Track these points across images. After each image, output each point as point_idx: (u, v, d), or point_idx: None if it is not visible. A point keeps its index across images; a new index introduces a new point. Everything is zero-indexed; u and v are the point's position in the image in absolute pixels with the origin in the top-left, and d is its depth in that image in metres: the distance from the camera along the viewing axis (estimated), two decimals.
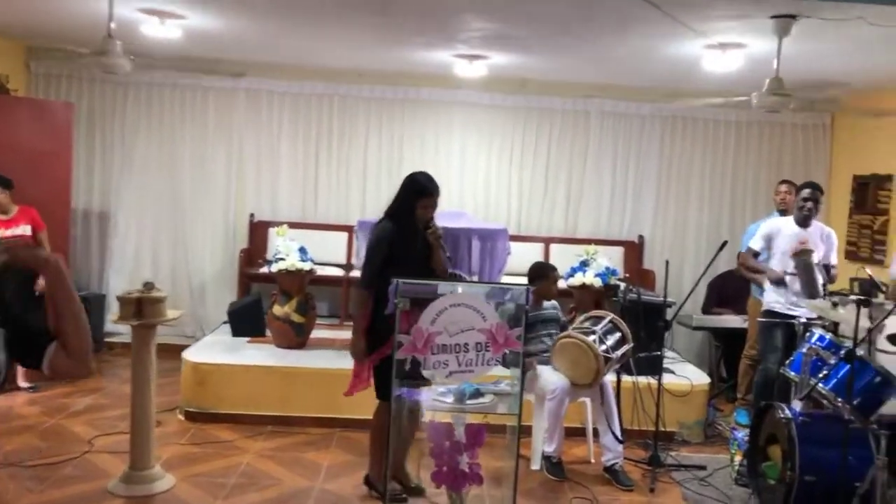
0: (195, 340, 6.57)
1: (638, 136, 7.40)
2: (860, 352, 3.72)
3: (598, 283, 5.70)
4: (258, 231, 7.16)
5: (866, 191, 6.69)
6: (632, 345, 4.64)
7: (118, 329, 6.98)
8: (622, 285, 5.58)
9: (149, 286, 4.00)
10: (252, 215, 7.24)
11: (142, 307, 3.90)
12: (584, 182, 7.41)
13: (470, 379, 3.34)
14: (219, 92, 7.18)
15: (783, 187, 5.93)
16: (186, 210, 7.22)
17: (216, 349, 5.63)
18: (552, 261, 7.13)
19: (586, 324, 4.64)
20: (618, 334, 4.63)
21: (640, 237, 7.43)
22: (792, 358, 4.28)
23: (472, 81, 6.94)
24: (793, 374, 4.20)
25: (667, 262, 4.88)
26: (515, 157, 7.39)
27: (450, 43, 5.54)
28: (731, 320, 6.38)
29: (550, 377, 4.52)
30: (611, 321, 4.63)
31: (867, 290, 5.93)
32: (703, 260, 7.30)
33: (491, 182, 7.40)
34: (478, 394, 3.51)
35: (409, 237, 3.97)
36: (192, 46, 6.29)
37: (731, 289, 6.75)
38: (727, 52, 5.15)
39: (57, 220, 5.96)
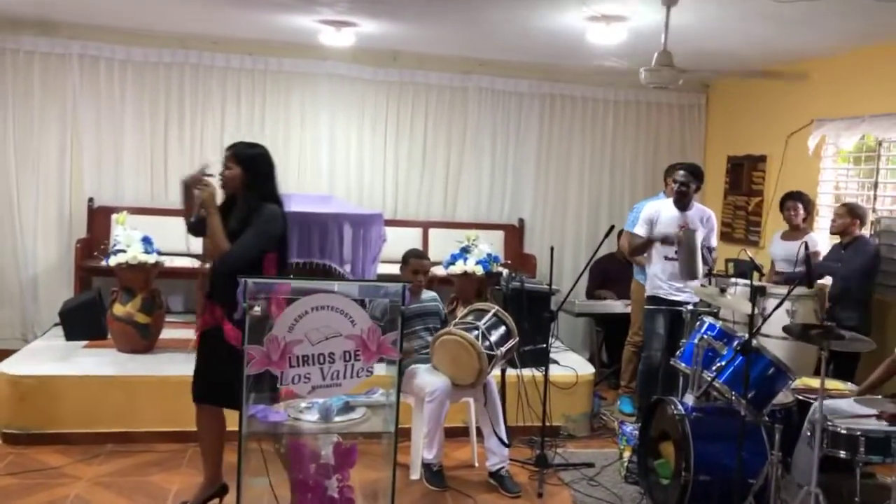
0: (25, 344, 5.71)
1: (517, 114, 7.10)
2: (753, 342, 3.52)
3: (479, 270, 5.33)
4: (98, 218, 6.30)
5: (741, 172, 6.69)
6: (517, 339, 4.29)
7: None
8: (505, 273, 5.24)
9: None
10: (91, 200, 6.37)
11: None
12: (462, 163, 7.04)
13: (338, 394, 2.85)
14: (46, 57, 6.23)
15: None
16: (12, 193, 6.24)
17: (43, 357, 4.83)
18: (430, 247, 6.77)
19: (469, 318, 4.25)
20: (503, 328, 4.26)
21: (521, 220, 7.15)
22: (682, 348, 4.07)
23: (339, 52, 6.38)
24: (683, 365, 3.98)
25: (551, 249, 4.56)
26: (390, 135, 6.90)
27: (311, 6, 4.94)
28: (614, 305, 6.21)
29: (429, 377, 4.10)
30: (495, 314, 4.26)
31: (743, 273, 5.93)
32: (585, 243, 7.17)
33: (364, 163, 6.88)
34: (347, 408, 3.03)
35: None
36: (7, 3, 5.37)
37: (613, 272, 6.59)
38: (611, 25, 4.86)
39: None
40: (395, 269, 6.14)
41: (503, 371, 4.43)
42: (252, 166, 3.35)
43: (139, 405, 4.53)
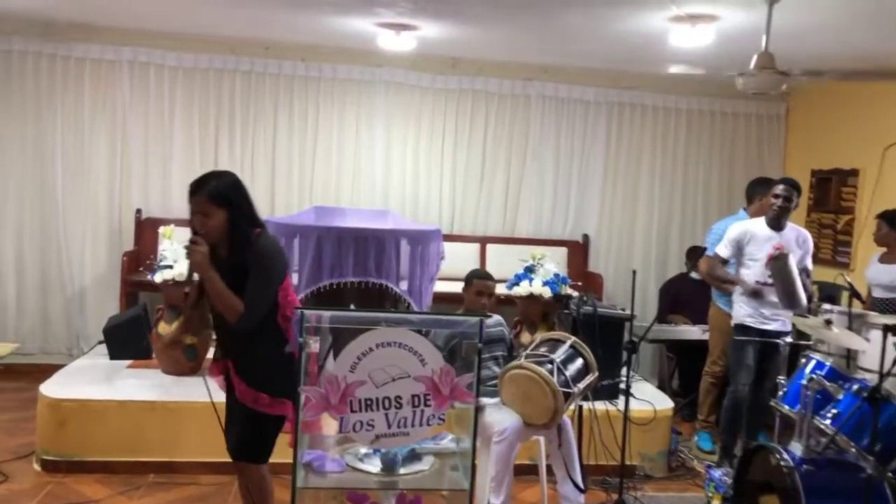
0: (70, 360, 5.50)
1: (582, 123, 6.68)
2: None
3: (547, 293, 4.92)
4: (146, 230, 6.07)
5: (828, 187, 6.16)
6: (596, 374, 3.86)
7: None
8: (575, 296, 4.82)
9: None
10: (139, 211, 6.14)
11: None
12: (523, 175, 6.64)
13: (405, 444, 2.48)
14: (96, 64, 6.03)
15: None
16: (59, 203, 6.04)
17: (85, 378, 4.57)
18: (488, 264, 6.40)
19: (541, 349, 3.83)
20: (580, 362, 3.83)
21: (585, 237, 6.72)
22: (783, 388, 3.60)
23: (396, 58, 6.07)
24: (787, 408, 3.51)
25: (633, 273, 4.13)
26: (447, 146, 6.54)
27: (370, 6, 4.62)
28: (690, 331, 5.73)
29: (498, 415, 3.70)
30: (572, 346, 3.83)
31: (831, 297, 5.40)
32: (654, 263, 6.72)
33: (420, 175, 6.53)
34: (413, 456, 2.66)
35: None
36: (58, 8, 5.18)
37: (686, 293, 6.12)
38: (696, 27, 4.43)
39: None
40: (452, 288, 5.82)
41: (579, 406, 4.01)
42: (234, 202, 2.80)
43: (183, 433, 4.24)
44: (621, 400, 4.55)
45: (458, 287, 5.87)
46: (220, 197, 2.76)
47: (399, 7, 4.59)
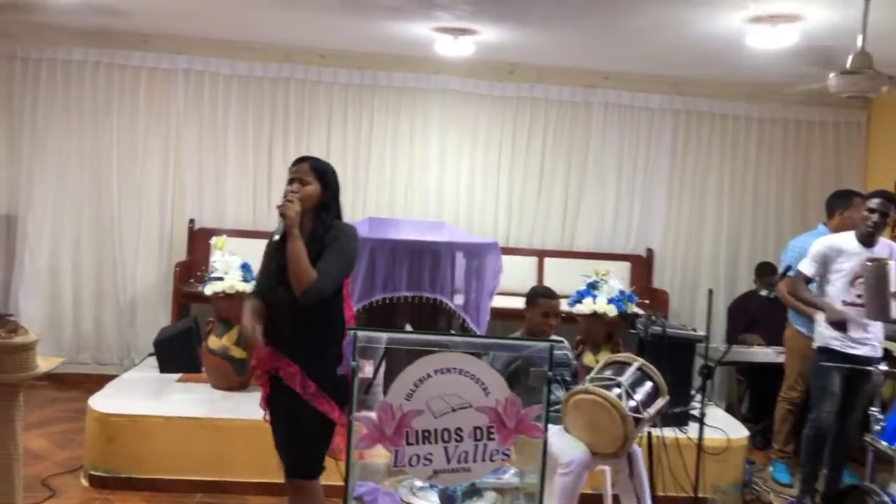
0: (122, 371, 5.45)
1: (646, 132, 6.38)
2: None
3: (612, 311, 4.64)
4: (199, 240, 5.99)
5: None
6: (667, 398, 3.58)
7: None
8: (642, 315, 4.54)
9: (10, 325, 2.84)
10: (192, 221, 6.08)
11: None
12: (583, 186, 6.36)
13: (465, 481, 2.26)
14: (152, 72, 6.01)
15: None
16: (115, 213, 6.02)
17: (134, 392, 4.48)
18: (546, 279, 6.15)
19: (607, 372, 3.58)
20: (649, 385, 3.56)
21: (649, 251, 6.41)
22: (882, 422, 3.26)
23: (452, 65, 5.89)
24: (885, 444, 3.18)
25: (710, 292, 3.83)
26: (504, 155, 6.31)
27: (429, 10, 4.44)
28: (764, 353, 5.38)
29: (563, 444, 3.44)
30: (640, 368, 3.57)
31: None
32: (723, 279, 6.37)
33: (475, 185, 6.31)
34: (473, 491, 2.44)
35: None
36: (115, 18, 5.16)
37: (756, 312, 5.76)
38: (777, 27, 4.13)
39: None
40: (508, 304, 5.59)
41: (648, 433, 3.73)
42: (329, 182, 2.88)
43: (232, 451, 4.09)
44: (691, 427, 4.27)
45: (514, 302, 5.68)
46: (320, 171, 2.85)
47: (458, 10, 4.40)
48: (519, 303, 5.65)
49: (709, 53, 5.06)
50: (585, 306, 4.64)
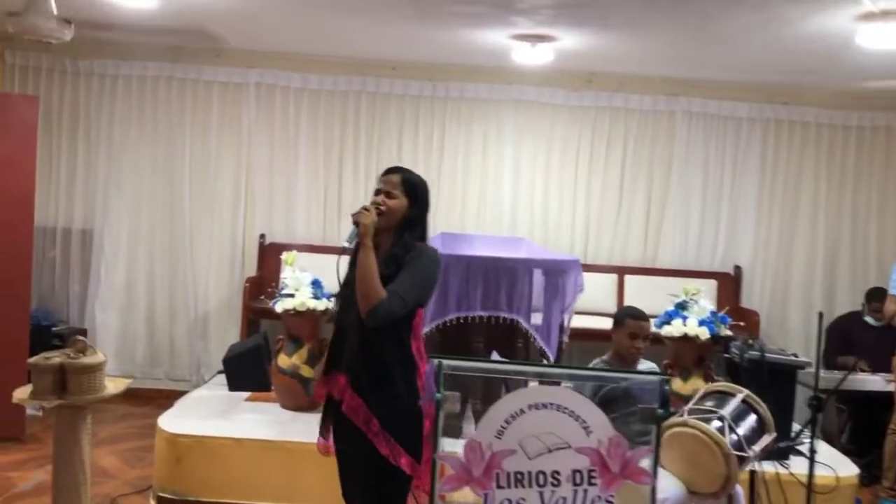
0: (192, 387, 5.40)
1: (734, 143, 6.02)
2: None
3: (704, 334, 4.31)
4: (269, 255, 5.91)
5: None
6: (774, 434, 3.25)
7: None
8: (736, 338, 4.20)
9: (79, 344, 2.74)
10: (262, 236, 6.01)
11: (66, 378, 2.64)
12: (666, 199, 6.04)
13: None
14: (224, 87, 5.98)
15: None
16: (186, 227, 6.00)
17: (203, 411, 4.37)
18: (626, 298, 5.85)
19: (707, 402, 3.26)
20: (753, 419, 3.23)
21: (737, 268, 6.02)
22: None
23: (527, 75, 5.69)
24: None
25: (820, 315, 3.47)
26: (581, 167, 6.04)
27: (508, 16, 4.23)
28: (870, 381, 4.94)
29: (658, 480, 3.15)
30: (744, 400, 3.24)
31: None
32: (819, 299, 5.94)
33: (551, 199, 6.05)
34: None
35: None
36: (186, 32, 5.14)
37: (858, 335, 5.37)
38: (889, 23, 3.77)
39: (17, 238, 4.79)
40: (586, 323, 5.31)
41: (751, 471, 3.40)
42: (419, 198, 2.63)
43: (302, 475, 3.92)
44: (793, 461, 3.91)
45: (592, 322, 5.41)
46: (411, 185, 2.61)
47: (538, 16, 4.19)
48: (597, 322, 5.42)
49: (808, 57, 4.70)
50: (675, 328, 4.32)
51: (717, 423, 3.11)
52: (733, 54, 4.93)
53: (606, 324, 5.62)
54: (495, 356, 2.36)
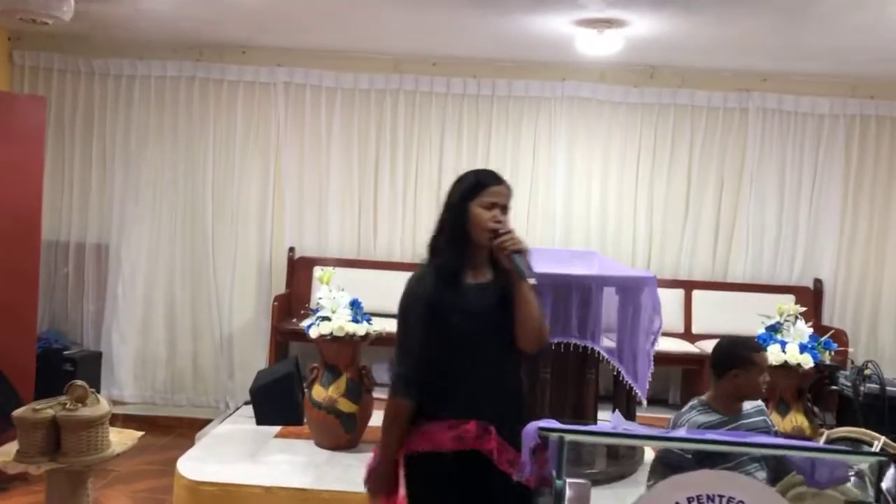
0: (218, 417, 4.89)
1: (813, 142, 5.42)
2: None
3: (808, 362, 3.70)
4: (299, 270, 5.40)
5: None
6: None
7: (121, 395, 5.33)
8: (849, 367, 3.60)
9: (77, 391, 2.21)
10: (292, 250, 5.48)
11: (60, 435, 2.10)
12: (737, 205, 5.45)
13: None
14: (250, 87, 5.48)
15: None
16: (209, 239, 5.49)
17: (227, 452, 3.84)
18: (696, 316, 5.27)
19: None
20: (893, 471, 2.65)
21: (817, 282, 5.40)
22: None
23: (583, 70, 5.18)
24: None
25: None
26: (643, 171, 5.47)
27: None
28: None
29: None
30: (882, 450, 2.65)
31: None
32: None
33: (608, 206, 5.48)
34: None
35: (462, 282, 2.11)
36: (212, 30, 4.67)
37: None
38: None
39: (22, 252, 4.32)
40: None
41: None
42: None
43: None
44: None
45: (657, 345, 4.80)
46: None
47: None
48: (662, 344, 4.82)
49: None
50: (773, 355, 3.71)
51: (854, 480, 2.52)
52: (821, 39, 4.35)
53: (672, 346, 5.13)
54: (618, 418, 1.79)
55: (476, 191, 2.10)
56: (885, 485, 2.61)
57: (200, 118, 5.47)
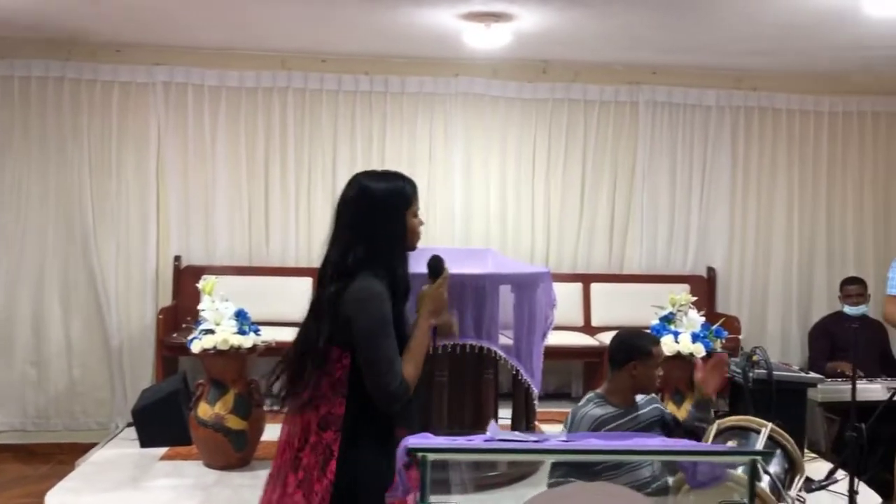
0: (105, 438, 4.53)
1: (702, 134, 5.54)
2: None
3: (700, 351, 3.74)
4: (187, 280, 5.08)
5: None
6: (804, 474, 2.70)
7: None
8: (739, 354, 3.66)
9: None
10: (177, 258, 5.19)
11: None
12: (632, 198, 5.51)
13: None
14: (125, 87, 5.14)
15: None
16: (92, 252, 5.10)
17: (106, 480, 3.57)
18: (594, 308, 5.31)
19: (729, 443, 2.69)
20: (779, 456, 2.69)
21: (710, 271, 5.53)
22: None
23: (476, 66, 5.10)
24: None
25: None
26: (539, 166, 5.46)
27: None
28: (868, 390, 4.47)
29: None
30: (770, 438, 2.68)
31: None
32: (796, 302, 5.54)
33: (507, 202, 5.44)
34: None
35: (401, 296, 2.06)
36: (81, 26, 4.34)
37: (844, 338, 4.91)
38: None
39: None
40: (549, 339, 4.69)
41: None
42: None
43: None
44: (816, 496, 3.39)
45: (556, 338, 4.78)
46: None
47: None
48: (561, 338, 4.80)
49: (790, 36, 4.22)
50: (666, 346, 3.73)
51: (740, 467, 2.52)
52: (703, 32, 4.42)
53: (572, 339, 5.13)
54: (493, 428, 1.69)
55: (411, 200, 2.04)
56: (772, 469, 2.65)
57: (72, 122, 5.08)
